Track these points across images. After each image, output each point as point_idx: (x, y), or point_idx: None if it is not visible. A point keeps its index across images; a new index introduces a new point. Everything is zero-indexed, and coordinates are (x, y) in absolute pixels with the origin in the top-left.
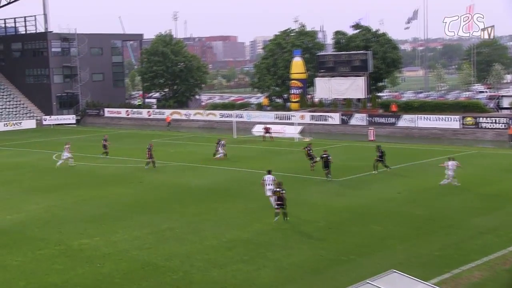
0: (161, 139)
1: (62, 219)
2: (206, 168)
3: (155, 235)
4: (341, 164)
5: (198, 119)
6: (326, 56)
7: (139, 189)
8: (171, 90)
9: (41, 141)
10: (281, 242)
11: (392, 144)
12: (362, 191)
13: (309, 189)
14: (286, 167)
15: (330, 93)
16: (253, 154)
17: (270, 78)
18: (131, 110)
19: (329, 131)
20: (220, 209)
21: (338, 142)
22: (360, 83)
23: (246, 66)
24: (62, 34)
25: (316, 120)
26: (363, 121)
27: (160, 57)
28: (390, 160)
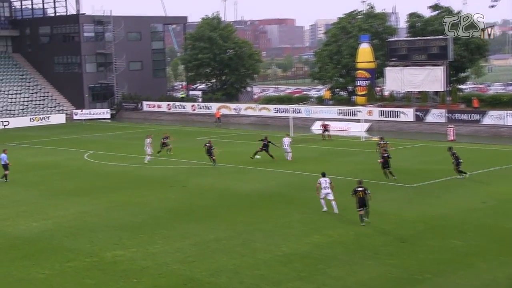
0: (207, 137)
1: (94, 227)
2: (258, 170)
3: (199, 247)
4: (415, 168)
5: (249, 114)
6: (398, 42)
7: (181, 194)
8: (218, 81)
9: (71, 138)
10: (344, 257)
11: (476, 145)
12: (440, 199)
13: (377, 196)
14: (350, 170)
15: (402, 85)
16: (312, 155)
17: (332, 67)
18: (173, 104)
19: (401, 129)
20: (273, 217)
21: (412, 142)
22: (438, 74)
23: (305, 54)
24: (95, 17)
25: (386, 116)
26: (441, 118)
27: (206, 43)
28: (473, 164)
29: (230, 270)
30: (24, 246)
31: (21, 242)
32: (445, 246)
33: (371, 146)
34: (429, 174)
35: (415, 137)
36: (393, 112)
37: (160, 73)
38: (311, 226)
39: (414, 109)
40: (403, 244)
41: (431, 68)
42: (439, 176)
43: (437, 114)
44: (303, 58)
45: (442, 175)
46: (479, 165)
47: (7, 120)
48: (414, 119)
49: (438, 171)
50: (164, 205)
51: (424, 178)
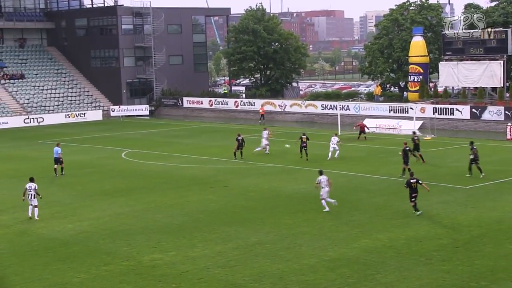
0: (250, 134)
1: (131, 229)
2: (304, 170)
3: (241, 251)
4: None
5: (295, 111)
6: (453, 36)
7: (223, 195)
8: (262, 76)
9: (108, 136)
10: (395, 262)
11: None
12: (496, 202)
13: (429, 198)
14: (399, 169)
15: (457, 81)
16: (359, 155)
17: (383, 62)
18: (215, 100)
19: (455, 127)
20: (319, 220)
21: (467, 140)
22: (497, 69)
23: (354, 47)
24: (134, 8)
25: (440, 113)
26: (499, 116)
27: (250, 36)
28: None
29: (274, 275)
30: (59, 249)
31: (55, 244)
32: (501, 252)
33: (424, 145)
34: (485, 175)
35: (471, 136)
36: (448, 109)
37: (201, 68)
38: (360, 229)
39: (470, 106)
40: (457, 249)
41: (489, 63)
42: (495, 177)
43: (495, 112)
44: (352, 52)
45: (499, 177)
46: None
47: (41, 117)
48: (470, 117)
49: (494, 172)
50: (204, 207)
51: (479, 180)
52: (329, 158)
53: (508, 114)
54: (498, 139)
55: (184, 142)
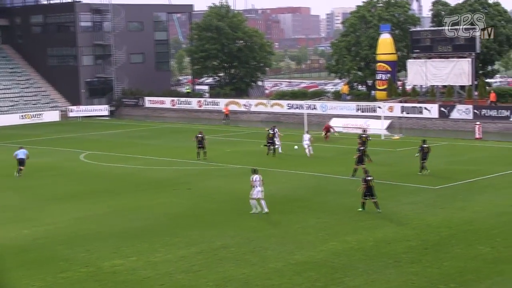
0: (214, 135)
1: (90, 234)
2: (270, 172)
3: (205, 255)
4: (440, 168)
5: (260, 110)
6: (421, 33)
7: (186, 197)
8: (227, 75)
9: (67, 138)
10: (363, 265)
11: (505, 143)
12: (466, 202)
13: (398, 198)
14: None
15: (426, 79)
16: (328, 155)
17: (350, 60)
18: (177, 100)
19: (424, 126)
20: (286, 223)
21: (436, 140)
22: (465, 67)
23: (321, 45)
24: (93, 5)
25: (408, 112)
26: (468, 115)
27: (214, 33)
28: (502, 164)
29: (239, 280)
30: (14, 256)
31: (10, 251)
32: (471, 253)
33: (392, 144)
34: (454, 175)
35: (440, 135)
36: (416, 108)
37: (163, 66)
38: (327, 231)
39: (438, 104)
40: (426, 251)
41: (457, 61)
42: (465, 177)
43: (463, 110)
44: (319, 50)
45: (468, 177)
46: (508, 165)
47: None
48: (439, 116)
49: (463, 172)
50: (166, 210)
51: (449, 180)
52: (309, 155)
53: (476, 112)
54: (467, 138)
55: (145, 143)
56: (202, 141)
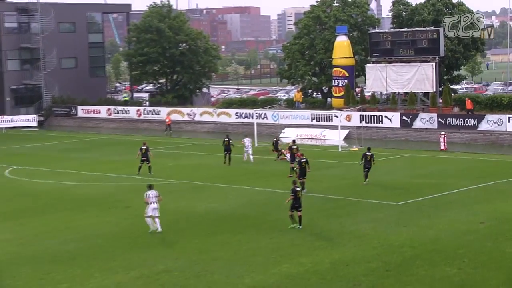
0: (156, 147)
1: (16, 258)
2: (217, 187)
3: (145, 280)
4: (402, 182)
5: (206, 120)
6: (381, 35)
7: (124, 216)
8: (169, 81)
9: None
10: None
11: (472, 155)
12: (431, 219)
13: (356, 215)
14: (327, 186)
15: (386, 85)
16: (280, 168)
17: (304, 64)
18: (114, 109)
19: (385, 136)
20: (235, 243)
21: (398, 152)
22: (429, 72)
23: (272, 48)
24: (19, 4)
25: (368, 121)
26: (432, 124)
27: (154, 36)
28: (468, 178)
29: None
30: None
31: None
32: (437, 275)
33: (350, 157)
34: (418, 190)
35: (402, 146)
36: (376, 117)
37: (98, 72)
38: (280, 253)
39: (400, 113)
40: (388, 273)
41: (420, 65)
42: (429, 192)
43: (427, 119)
44: (270, 54)
45: (433, 191)
46: (475, 178)
47: None
48: (400, 125)
49: (428, 186)
50: (102, 231)
51: (412, 195)
52: (252, 160)
53: (441, 121)
54: (431, 149)
55: (78, 157)
56: (147, 154)
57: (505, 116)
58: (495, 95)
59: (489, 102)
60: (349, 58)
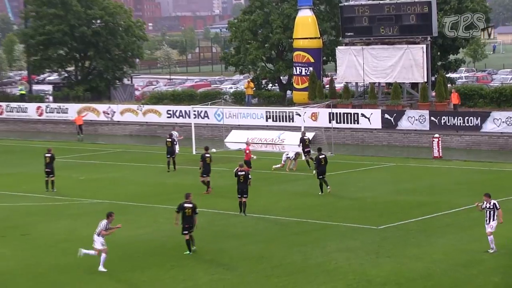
0: (63, 157)
1: None
2: (143, 208)
3: None
4: (383, 200)
5: (128, 120)
6: (356, 9)
7: (21, 247)
8: (79, 69)
9: None
10: None
11: (474, 164)
12: (421, 248)
13: (327, 243)
14: (286, 206)
15: (363, 74)
16: (225, 183)
17: (256, 47)
18: (6, 106)
19: (362, 140)
20: (167, 280)
21: (378, 160)
22: (418, 56)
23: (214, 26)
24: None
25: (339, 121)
26: (423, 123)
27: (59, 10)
28: (469, 194)
29: None
30: None
31: None
32: None
33: None
34: (404, 210)
35: (383, 152)
36: (350, 116)
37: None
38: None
39: (381, 110)
40: None
41: (407, 48)
42: (419, 212)
43: (416, 118)
44: (212, 33)
45: (424, 211)
46: (478, 194)
47: None
48: (382, 126)
49: (417, 204)
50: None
51: (397, 216)
52: None
53: (434, 121)
54: (422, 156)
55: None
56: (51, 164)
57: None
58: (504, 87)
59: (496, 95)
60: (314, 38)
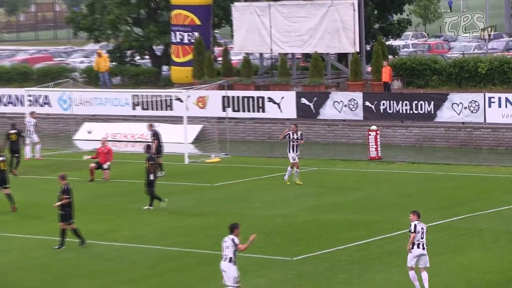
0: None
1: None
2: None
3: None
4: (298, 219)
5: None
6: None
7: None
8: None
9: None
10: None
11: (425, 166)
12: (353, 286)
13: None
14: (161, 228)
15: (271, 42)
16: (77, 199)
17: (118, 3)
18: None
19: (269, 136)
20: None
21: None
22: (347, 16)
23: None
24: None
25: (237, 109)
26: (353, 111)
27: None
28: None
29: None
30: None
31: None
32: None
33: (207, 173)
34: (328, 234)
35: (301, 152)
36: (252, 101)
37: None
38: None
39: (295, 92)
40: None
41: (332, 4)
42: (349, 236)
43: (346, 104)
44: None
45: (356, 235)
46: (431, 210)
47: None
48: (297, 114)
49: (347, 225)
50: None
51: (319, 243)
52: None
53: (370, 107)
54: (353, 157)
55: None
56: None
57: (483, 95)
58: (466, 58)
59: (456, 70)
60: None
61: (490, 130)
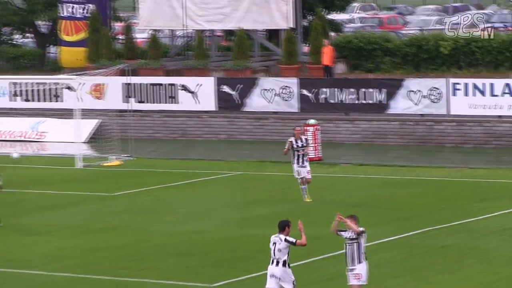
0: None
1: None
2: None
3: None
4: (219, 236)
5: None
6: None
7: None
8: None
9: None
10: None
11: (374, 168)
12: None
13: None
14: (58, 248)
15: (185, 17)
16: None
17: None
18: None
19: (183, 132)
20: None
21: (212, 166)
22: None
23: None
24: None
25: (143, 99)
26: (288, 101)
27: None
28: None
29: None
30: None
31: None
32: None
33: (105, 181)
34: (256, 253)
35: (221, 153)
36: (162, 89)
37: None
38: None
39: (215, 78)
40: None
41: None
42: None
43: (278, 92)
44: None
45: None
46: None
47: None
48: (218, 107)
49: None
50: None
51: (244, 266)
52: None
53: (308, 96)
54: (287, 159)
55: None
56: None
57: (446, 80)
58: (425, 36)
59: (412, 51)
60: None
61: (455, 124)
